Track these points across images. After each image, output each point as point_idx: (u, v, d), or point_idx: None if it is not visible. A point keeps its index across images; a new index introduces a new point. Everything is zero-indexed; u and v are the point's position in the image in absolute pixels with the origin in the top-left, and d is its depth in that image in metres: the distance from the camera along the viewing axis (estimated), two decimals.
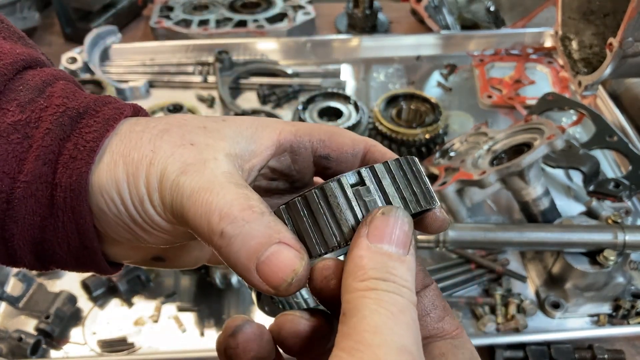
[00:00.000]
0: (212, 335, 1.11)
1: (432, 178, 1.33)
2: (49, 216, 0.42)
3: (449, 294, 1.15)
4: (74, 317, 1.14)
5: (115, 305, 1.16)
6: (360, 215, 0.40)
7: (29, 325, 1.11)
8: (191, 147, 0.42)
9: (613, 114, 1.54)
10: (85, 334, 1.12)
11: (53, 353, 1.09)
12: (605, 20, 1.37)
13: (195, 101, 1.67)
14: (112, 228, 0.44)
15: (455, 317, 0.43)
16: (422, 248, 1.11)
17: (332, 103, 1.52)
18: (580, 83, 1.34)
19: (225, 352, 0.41)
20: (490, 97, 1.65)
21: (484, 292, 1.16)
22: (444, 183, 1.24)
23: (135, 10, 2.07)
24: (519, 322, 1.08)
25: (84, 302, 1.16)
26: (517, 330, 1.08)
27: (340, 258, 0.41)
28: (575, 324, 1.12)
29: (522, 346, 1.05)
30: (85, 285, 1.17)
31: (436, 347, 0.41)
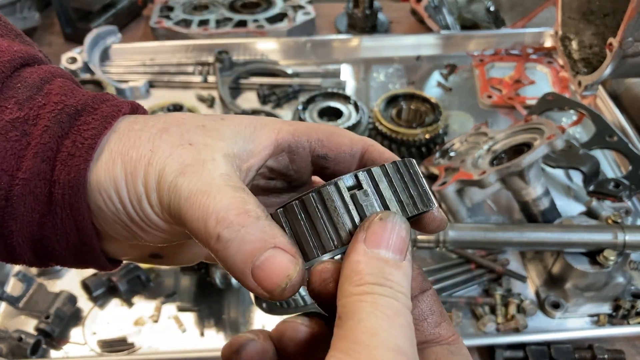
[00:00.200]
0: (212, 335, 1.11)
1: (432, 178, 1.33)
2: (48, 213, 0.42)
3: (449, 294, 1.15)
4: (74, 317, 1.14)
5: (115, 305, 1.16)
6: (357, 219, 0.40)
7: (29, 325, 1.11)
8: (190, 147, 0.42)
9: (613, 114, 1.54)
10: (85, 334, 1.12)
11: (53, 353, 1.09)
12: (605, 20, 1.37)
13: (195, 101, 1.67)
14: (110, 226, 0.44)
15: (452, 323, 0.44)
16: (422, 248, 1.11)
17: (332, 103, 1.52)
18: (580, 83, 1.34)
19: None
20: (490, 97, 1.65)
21: (484, 292, 1.16)
22: (444, 183, 1.24)
23: (135, 10, 2.07)
24: (519, 322, 1.08)
25: (84, 302, 1.16)
26: (517, 330, 1.08)
27: (338, 257, 0.42)
28: (575, 324, 1.12)
29: (522, 346, 1.06)
30: (85, 285, 1.17)
31: (432, 352, 0.42)
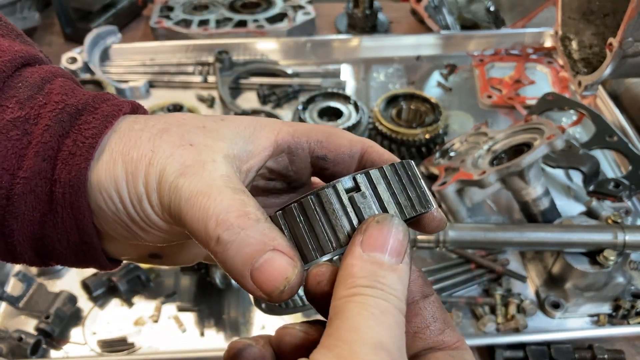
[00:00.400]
0: (212, 335, 1.11)
1: (432, 178, 1.33)
2: (49, 212, 0.42)
3: (449, 294, 1.15)
4: (74, 317, 1.14)
5: (116, 305, 1.16)
6: (355, 221, 0.40)
7: (29, 325, 1.11)
8: (190, 148, 0.42)
9: (613, 114, 1.54)
10: (85, 334, 1.12)
11: (53, 353, 1.09)
12: (605, 20, 1.37)
13: (195, 101, 1.67)
14: (110, 225, 0.44)
15: (457, 329, 0.43)
16: (422, 248, 1.11)
17: (332, 103, 1.52)
18: (580, 83, 1.34)
19: None
20: (490, 97, 1.65)
21: (484, 292, 1.16)
22: (444, 183, 1.24)
23: (135, 10, 2.08)
24: (519, 322, 1.08)
25: (84, 302, 1.16)
26: (517, 330, 1.08)
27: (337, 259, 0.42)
28: (575, 324, 1.12)
29: (522, 346, 1.06)
30: (86, 285, 1.17)
31: (433, 356, 0.41)
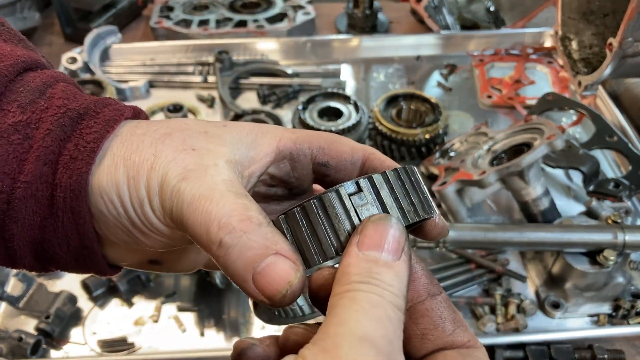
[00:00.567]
0: (212, 335, 1.12)
1: (432, 178, 1.33)
2: (49, 216, 0.42)
3: (449, 294, 1.15)
4: (74, 317, 1.14)
5: (116, 305, 1.16)
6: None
7: (29, 325, 1.11)
8: (192, 153, 0.42)
9: (613, 114, 1.54)
10: (85, 334, 1.12)
11: (53, 353, 1.09)
12: (605, 20, 1.37)
13: (195, 101, 1.67)
14: (111, 230, 0.44)
15: (468, 329, 0.42)
16: (422, 248, 1.11)
17: (332, 103, 1.52)
18: (580, 83, 1.34)
19: None
20: (490, 97, 1.65)
21: (484, 292, 1.17)
22: (444, 183, 1.24)
23: (135, 10, 2.07)
24: (519, 322, 1.08)
25: (84, 302, 1.17)
26: (517, 330, 1.08)
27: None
28: (575, 324, 1.12)
29: (522, 346, 1.05)
30: (86, 285, 1.17)
31: (442, 355, 0.41)
